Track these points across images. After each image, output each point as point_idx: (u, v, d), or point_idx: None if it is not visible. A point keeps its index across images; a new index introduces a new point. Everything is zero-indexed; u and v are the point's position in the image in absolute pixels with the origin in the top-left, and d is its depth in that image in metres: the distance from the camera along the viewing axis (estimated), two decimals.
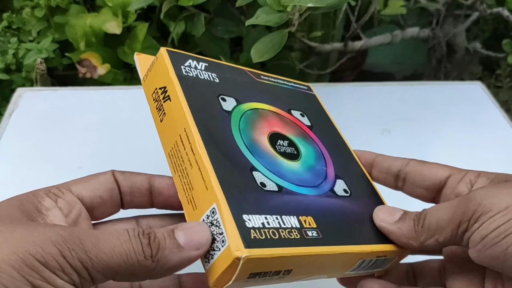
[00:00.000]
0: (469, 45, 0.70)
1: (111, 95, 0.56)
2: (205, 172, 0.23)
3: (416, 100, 0.57)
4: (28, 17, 0.69)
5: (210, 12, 0.58)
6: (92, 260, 0.20)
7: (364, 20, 0.62)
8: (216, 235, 0.22)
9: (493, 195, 0.22)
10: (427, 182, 0.28)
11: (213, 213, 0.22)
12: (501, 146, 0.51)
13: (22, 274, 0.18)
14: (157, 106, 0.27)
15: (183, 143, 0.25)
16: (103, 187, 0.26)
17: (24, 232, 0.20)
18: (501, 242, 0.21)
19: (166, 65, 0.27)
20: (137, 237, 0.21)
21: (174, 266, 0.21)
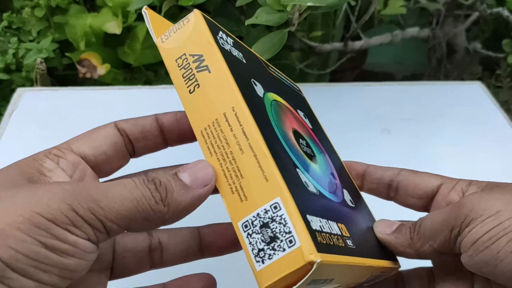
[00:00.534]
0: (469, 45, 0.70)
1: (111, 95, 0.56)
2: (264, 160, 0.21)
3: (416, 100, 0.57)
4: (28, 17, 0.69)
5: (210, 12, 0.58)
6: (104, 210, 0.19)
7: (364, 20, 0.62)
8: (278, 233, 0.20)
9: (484, 200, 0.22)
10: (419, 191, 0.28)
11: (276, 208, 0.20)
12: (501, 146, 0.51)
13: (30, 234, 0.18)
14: (185, 75, 0.24)
15: (230, 123, 0.22)
16: (106, 142, 0.24)
17: (27, 193, 0.19)
18: (491, 246, 0.21)
19: (204, 31, 0.24)
20: (143, 184, 0.20)
21: (185, 207, 0.21)
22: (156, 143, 0.26)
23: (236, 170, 0.21)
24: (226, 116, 0.22)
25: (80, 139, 0.24)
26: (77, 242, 0.19)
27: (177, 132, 0.26)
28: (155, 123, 0.25)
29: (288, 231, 0.19)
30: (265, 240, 0.20)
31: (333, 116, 0.52)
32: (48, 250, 0.18)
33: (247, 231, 0.20)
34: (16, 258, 0.17)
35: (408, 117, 0.54)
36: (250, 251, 0.20)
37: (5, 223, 0.18)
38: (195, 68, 0.24)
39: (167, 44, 0.25)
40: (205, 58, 0.24)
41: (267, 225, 0.20)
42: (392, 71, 0.78)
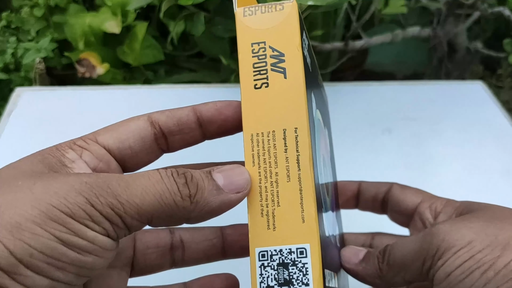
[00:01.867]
0: (470, 44, 0.70)
1: (110, 95, 0.56)
2: (308, 201, 0.19)
3: (417, 100, 0.57)
4: (27, 16, 0.68)
5: (210, 11, 0.58)
6: (124, 205, 0.18)
7: (364, 19, 0.61)
8: (295, 280, 0.19)
9: (456, 230, 0.21)
10: (402, 208, 0.28)
11: (301, 253, 0.19)
12: (502, 145, 0.51)
13: (46, 229, 0.16)
14: (257, 65, 0.21)
15: (286, 143, 0.20)
16: (133, 136, 0.22)
17: (44, 184, 0.17)
18: (465, 281, 0.20)
19: (295, 30, 0.22)
20: (171, 177, 0.19)
21: (213, 209, 0.20)
22: (193, 137, 0.23)
23: (275, 195, 0.20)
24: (285, 134, 0.20)
25: (108, 130, 0.22)
26: (96, 238, 0.18)
27: (218, 123, 0.23)
28: (192, 114, 0.23)
29: (306, 283, 0.19)
30: (278, 280, 0.19)
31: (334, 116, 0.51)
32: (65, 246, 0.17)
33: (263, 261, 0.19)
34: (30, 253, 0.16)
35: (409, 116, 0.54)
36: (258, 284, 0.19)
37: (20, 215, 0.17)
38: (270, 64, 0.21)
39: (249, 22, 0.22)
40: (286, 60, 0.21)
41: (286, 266, 0.19)
42: (393, 71, 0.78)
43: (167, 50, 0.66)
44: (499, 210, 0.23)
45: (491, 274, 0.20)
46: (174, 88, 0.58)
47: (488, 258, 0.20)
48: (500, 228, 0.21)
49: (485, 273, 0.20)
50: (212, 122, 0.23)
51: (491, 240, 0.21)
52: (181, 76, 0.67)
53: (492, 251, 0.20)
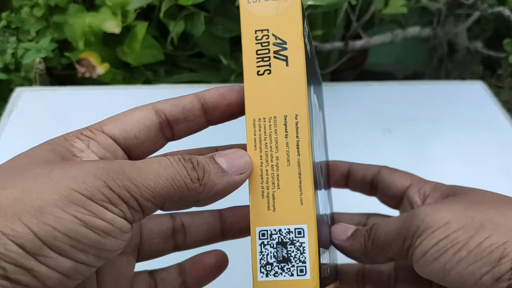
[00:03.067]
0: (470, 44, 0.70)
1: (110, 95, 0.56)
2: (307, 185, 0.21)
3: (417, 100, 0.57)
4: (27, 16, 0.68)
5: (210, 11, 0.58)
6: (139, 187, 0.19)
7: (364, 19, 0.61)
8: (292, 258, 0.20)
9: (435, 211, 0.22)
10: (392, 190, 0.29)
11: (299, 233, 0.20)
12: (502, 145, 0.51)
13: (68, 211, 0.17)
14: (260, 52, 0.22)
15: (287, 128, 0.21)
16: (138, 125, 0.23)
17: (62, 170, 0.18)
18: (439, 258, 0.21)
19: (298, 18, 0.22)
20: (179, 162, 0.20)
21: (219, 191, 0.21)
22: (197, 123, 0.24)
23: (275, 178, 0.21)
24: (286, 120, 0.21)
25: (113, 120, 0.23)
26: (114, 220, 0.18)
27: (222, 108, 0.24)
28: (196, 101, 0.24)
29: (303, 261, 0.20)
30: (277, 257, 0.20)
31: (334, 116, 0.51)
32: (86, 228, 0.17)
33: (263, 240, 0.21)
34: (54, 235, 0.17)
35: (409, 116, 0.54)
36: (258, 260, 0.20)
37: (42, 200, 0.17)
38: (273, 52, 0.22)
39: (253, 9, 0.23)
40: (288, 47, 0.22)
41: (284, 245, 0.20)
42: (393, 71, 0.78)
43: (167, 50, 0.66)
44: (481, 194, 0.24)
45: (463, 253, 0.20)
46: (174, 88, 0.58)
47: (461, 238, 0.21)
48: (476, 211, 0.22)
49: (458, 252, 0.21)
50: (216, 108, 0.24)
51: (467, 221, 0.21)
52: (181, 76, 0.67)
53: (466, 232, 0.21)
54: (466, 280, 0.21)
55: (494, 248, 0.20)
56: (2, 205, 0.17)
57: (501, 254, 0.20)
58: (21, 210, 0.17)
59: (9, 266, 0.16)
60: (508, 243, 0.20)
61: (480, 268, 0.20)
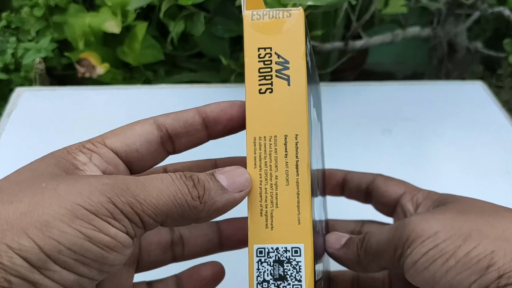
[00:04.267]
0: (470, 44, 0.70)
1: (110, 95, 0.56)
2: (305, 205, 0.21)
3: (417, 100, 0.57)
4: (27, 16, 0.68)
5: (210, 11, 0.58)
6: (142, 204, 0.19)
7: (364, 19, 0.61)
8: (288, 276, 0.20)
9: (425, 221, 0.23)
10: (385, 198, 0.29)
11: (296, 252, 0.21)
12: (502, 145, 0.51)
13: (73, 226, 0.18)
14: (262, 70, 0.22)
15: (287, 148, 0.22)
16: (139, 139, 0.23)
17: (68, 185, 0.19)
18: (429, 268, 0.21)
19: (301, 38, 0.22)
20: (181, 180, 0.20)
21: (219, 208, 0.21)
22: (198, 137, 0.24)
23: (274, 197, 0.21)
24: (287, 140, 0.22)
25: (115, 134, 0.23)
26: (117, 235, 0.19)
27: (223, 123, 0.24)
28: (197, 116, 0.24)
29: (299, 279, 0.20)
30: (273, 275, 0.21)
31: (334, 116, 0.51)
32: (90, 242, 0.18)
33: (260, 257, 0.21)
34: (59, 250, 0.17)
35: (409, 116, 0.54)
36: (255, 277, 0.21)
37: (48, 214, 0.17)
38: (275, 71, 0.22)
39: (257, 26, 0.23)
40: (290, 67, 0.22)
41: (281, 263, 0.21)
42: (393, 71, 0.78)
43: (167, 50, 0.66)
44: (470, 203, 0.25)
45: (452, 262, 0.21)
46: (174, 88, 0.58)
47: (450, 248, 0.21)
48: (464, 220, 0.22)
49: (446, 262, 0.21)
50: (218, 123, 0.24)
51: (455, 231, 0.22)
52: (181, 76, 0.67)
53: (455, 241, 0.21)
54: None
55: (482, 258, 0.20)
56: (9, 219, 0.17)
57: (488, 263, 0.20)
58: (27, 224, 0.17)
59: (14, 279, 0.17)
60: (495, 253, 0.20)
61: (468, 277, 0.20)
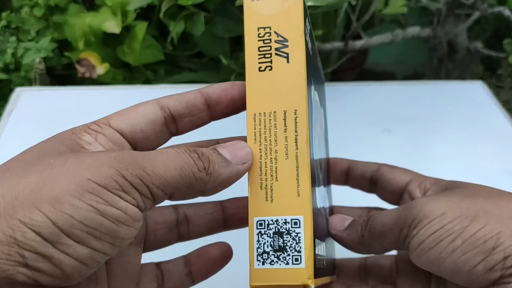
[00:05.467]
0: (470, 44, 0.70)
1: (110, 95, 0.56)
2: (304, 178, 0.21)
3: (417, 100, 0.57)
4: (27, 16, 0.68)
5: (210, 11, 0.58)
6: (150, 175, 0.19)
7: (364, 19, 0.61)
8: (288, 247, 0.21)
9: (432, 203, 0.23)
10: (392, 186, 0.30)
11: (295, 224, 0.21)
12: (502, 145, 0.51)
13: (84, 200, 0.18)
14: (262, 49, 0.23)
15: (286, 123, 0.22)
16: (144, 120, 0.23)
17: (76, 160, 0.19)
18: (435, 248, 0.22)
19: (299, 17, 0.23)
20: (185, 153, 0.21)
21: (224, 180, 0.21)
22: (200, 118, 0.25)
23: (274, 171, 0.22)
24: (286, 115, 0.22)
25: (120, 115, 0.23)
26: (127, 208, 0.19)
27: (225, 103, 0.24)
28: (199, 96, 0.24)
29: (298, 250, 0.21)
30: (273, 246, 0.21)
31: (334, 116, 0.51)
32: (101, 216, 0.18)
33: (260, 229, 0.21)
34: (71, 224, 0.17)
35: (409, 116, 0.54)
36: (255, 249, 0.21)
37: (59, 189, 0.18)
38: (274, 49, 0.23)
39: (256, 7, 0.23)
40: (289, 45, 0.23)
41: (281, 235, 0.21)
42: (393, 71, 0.78)
43: (167, 50, 0.66)
44: (477, 188, 0.25)
45: (458, 243, 0.21)
46: (174, 88, 0.58)
47: (457, 228, 0.21)
48: (472, 202, 0.22)
49: (453, 242, 0.21)
50: (219, 102, 0.24)
51: (462, 212, 0.22)
52: (181, 76, 0.67)
53: (461, 222, 0.21)
54: (460, 269, 0.21)
55: (488, 238, 0.21)
56: (20, 195, 0.17)
57: (494, 244, 0.20)
58: (38, 199, 0.17)
59: (28, 254, 0.17)
60: (501, 233, 0.20)
61: (474, 257, 0.21)
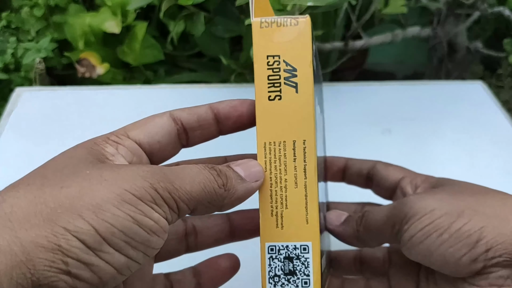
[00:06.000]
0: (470, 44, 0.70)
1: (110, 95, 0.56)
2: (312, 206, 0.23)
3: (417, 100, 0.57)
4: (27, 16, 0.68)
5: (210, 11, 0.58)
6: (178, 190, 0.20)
7: (364, 19, 0.61)
8: (298, 271, 0.22)
9: (422, 200, 0.25)
10: (386, 183, 0.31)
11: (304, 249, 0.23)
12: (502, 145, 0.51)
13: (123, 210, 0.18)
14: (271, 78, 0.23)
15: (296, 153, 0.23)
16: (161, 131, 0.24)
17: (112, 172, 0.20)
18: (424, 242, 0.23)
19: (307, 46, 0.23)
20: (206, 169, 0.22)
21: (240, 196, 0.23)
22: (210, 132, 0.26)
23: (284, 199, 0.23)
24: (295, 145, 0.23)
25: (137, 126, 0.24)
26: (159, 220, 0.20)
27: (234, 119, 0.25)
28: (210, 111, 0.25)
29: (307, 274, 0.22)
30: (284, 271, 0.23)
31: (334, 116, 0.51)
32: (138, 225, 0.19)
33: (271, 254, 0.23)
34: (112, 232, 0.18)
35: (409, 116, 0.54)
36: (267, 272, 0.23)
37: (100, 198, 0.18)
38: (283, 78, 0.23)
39: (265, 34, 0.24)
40: (298, 75, 0.23)
41: (291, 260, 0.23)
42: (393, 71, 0.78)
43: (167, 50, 0.66)
44: (464, 185, 0.27)
45: (446, 237, 0.23)
46: (174, 88, 0.58)
47: (444, 223, 0.23)
48: (458, 199, 0.24)
49: (441, 236, 0.23)
50: (228, 118, 0.25)
51: (449, 208, 0.24)
52: (181, 76, 0.67)
53: (449, 218, 0.23)
54: (447, 260, 0.23)
55: (472, 233, 0.23)
56: (62, 203, 0.18)
57: (478, 238, 0.22)
58: (80, 207, 0.18)
59: (71, 261, 0.17)
60: (484, 228, 0.23)
61: (459, 249, 0.23)
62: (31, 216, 0.18)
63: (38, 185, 0.19)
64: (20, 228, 0.17)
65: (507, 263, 0.22)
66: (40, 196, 0.18)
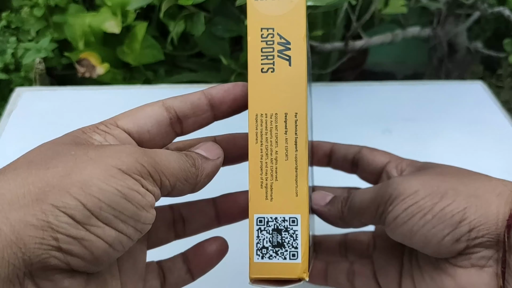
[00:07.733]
0: (470, 44, 0.70)
1: (110, 95, 0.56)
2: (302, 178, 0.23)
3: (417, 100, 0.57)
4: (27, 16, 0.68)
5: (210, 11, 0.58)
6: (160, 165, 0.21)
7: (365, 19, 0.61)
8: (286, 243, 0.22)
9: (406, 181, 0.25)
10: (371, 167, 0.31)
11: (293, 222, 0.23)
12: (502, 145, 0.51)
13: (110, 184, 0.19)
14: (264, 50, 0.23)
15: (287, 126, 0.23)
16: (150, 121, 0.24)
17: (97, 151, 0.20)
18: (408, 222, 0.24)
19: (302, 19, 0.23)
20: (176, 152, 0.23)
21: (208, 173, 0.24)
22: (205, 118, 0.26)
23: (274, 171, 0.23)
24: (287, 117, 0.23)
25: (126, 116, 0.24)
26: (146, 194, 0.20)
27: (228, 103, 0.25)
28: (203, 97, 0.25)
29: (295, 246, 0.22)
30: (272, 242, 0.22)
31: (334, 116, 0.51)
32: (126, 199, 0.19)
33: (260, 226, 0.23)
34: (100, 206, 0.18)
35: (409, 116, 0.54)
36: (255, 244, 0.23)
37: (86, 174, 0.19)
38: (277, 51, 0.23)
39: (260, 7, 0.24)
40: (292, 48, 0.23)
41: (279, 232, 0.23)
42: (393, 71, 0.78)
43: (167, 50, 0.66)
44: (449, 168, 0.27)
45: (429, 217, 0.23)
46: (174, 88, 0.58)
47: (428, 204, 0.23)
48: (442, 181, 0.24)
49: (424, 216, 0.23)
50: (223, 103, 0.25)
51: (433, 189, 0.24)
52: (181, 76, 0.67)
53: (432, 199, 0.23)
54: (430, 241, 0.23)
55: (455, 213, 0.23)
56: (49, 182, 0.18)
57: (460, 218, 0.23)
58: (68, 184, 0.18)
59: (61, 237, 0.18)
60: (467, 209, 0.23)
61: (442, 230, 0.23)
62: (20, 197, 0.18)
63: (24, 169, 0.19)
64: (10, 209, 0.17)
65: (490, 243, 0.22)
66: (27, 177, 0.18)
